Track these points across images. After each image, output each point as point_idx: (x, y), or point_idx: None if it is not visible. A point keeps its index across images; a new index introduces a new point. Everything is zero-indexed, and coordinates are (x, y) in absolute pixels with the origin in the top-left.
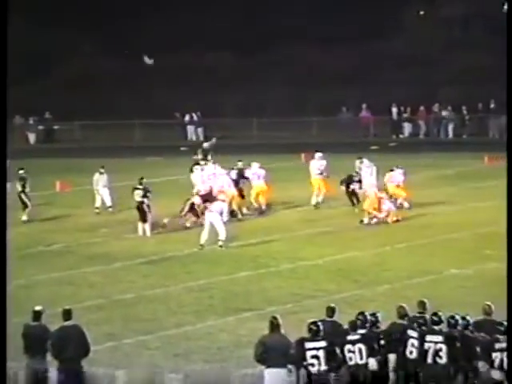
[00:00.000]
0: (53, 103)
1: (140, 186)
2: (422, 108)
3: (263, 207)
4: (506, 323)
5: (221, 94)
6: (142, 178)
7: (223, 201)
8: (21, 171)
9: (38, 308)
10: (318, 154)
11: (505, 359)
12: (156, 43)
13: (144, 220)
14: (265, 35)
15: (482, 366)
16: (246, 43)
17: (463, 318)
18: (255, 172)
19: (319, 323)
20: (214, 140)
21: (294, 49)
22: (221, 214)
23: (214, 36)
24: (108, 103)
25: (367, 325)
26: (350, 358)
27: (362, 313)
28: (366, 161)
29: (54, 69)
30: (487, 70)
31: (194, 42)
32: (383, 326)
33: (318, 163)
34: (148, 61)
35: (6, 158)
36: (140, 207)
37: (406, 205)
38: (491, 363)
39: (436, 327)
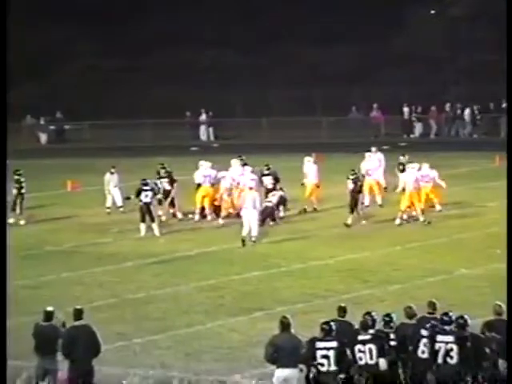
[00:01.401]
0: (62, 103)
1: (147, 188)
2: (433, 108)
3: (306, 207)
4: None
5: (229, 94)
6: (145, 179)
7: (252, 189)
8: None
9: (49, 308)
10: (368, 154)
11: None
12: (157, 41)
13: (152, 220)
14: (268, 34)
15: (501, 364)
16: (250, 41)
17: (461, 317)
18: (310, 168)
19: (332, 323)
20: None
21: (297, 47)
22: (255, 207)
23: (216, 35)
24: (116, 102)
25: (380, 324)
26: (360, 358)
27: (368, 313)
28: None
29: (62, 68)
30: (500, 69)
31: (196, 40)
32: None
33: (367, 164)
34: None
35: (6, 158)
36: (147, 208)
37: (437, 208)
38: None
39: (447, 327)
